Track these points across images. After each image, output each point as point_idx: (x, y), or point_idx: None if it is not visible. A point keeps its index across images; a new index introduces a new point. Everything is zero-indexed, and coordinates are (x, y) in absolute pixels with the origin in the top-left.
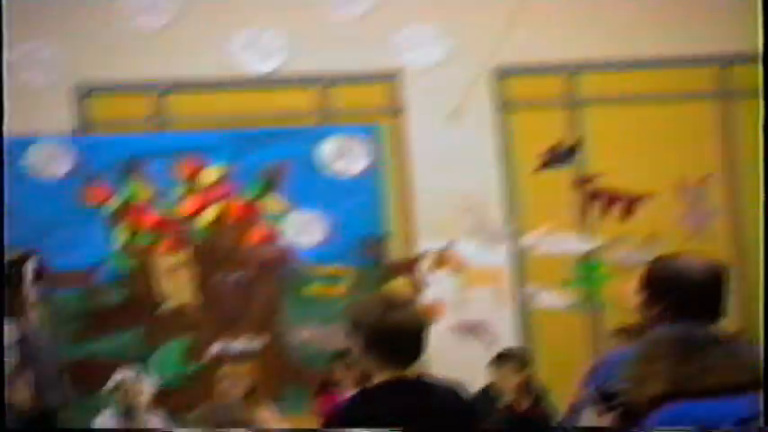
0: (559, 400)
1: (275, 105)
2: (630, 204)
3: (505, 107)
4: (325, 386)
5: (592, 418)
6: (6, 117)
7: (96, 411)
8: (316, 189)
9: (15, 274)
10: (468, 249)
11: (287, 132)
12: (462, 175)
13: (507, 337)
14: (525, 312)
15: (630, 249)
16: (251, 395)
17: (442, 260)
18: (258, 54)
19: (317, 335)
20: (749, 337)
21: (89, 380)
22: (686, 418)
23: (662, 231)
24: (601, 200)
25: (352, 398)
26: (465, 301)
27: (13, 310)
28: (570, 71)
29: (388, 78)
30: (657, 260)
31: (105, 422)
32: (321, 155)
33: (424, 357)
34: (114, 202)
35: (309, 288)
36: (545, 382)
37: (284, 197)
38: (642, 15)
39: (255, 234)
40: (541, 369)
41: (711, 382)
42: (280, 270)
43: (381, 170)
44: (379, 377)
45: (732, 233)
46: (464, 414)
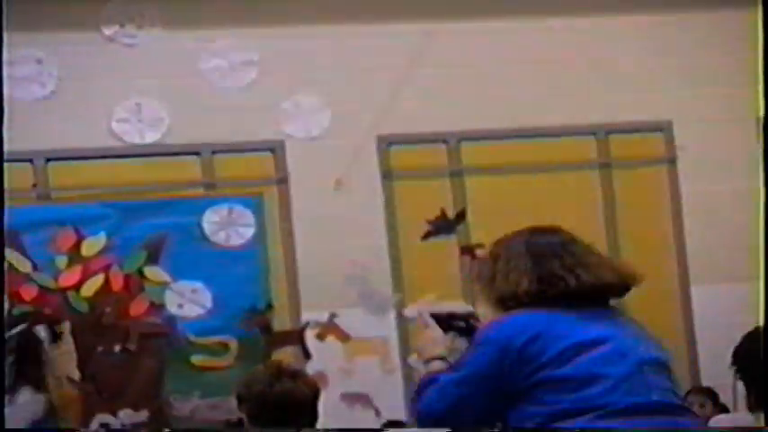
0: None
1: (158, 176)
2: None
3: (390, 176)
4: None
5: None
6: None
7: None
8: (198, 260)
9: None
10: (354, 319)
11: (169, 203)
12: (347, 244)
13: (394, 408)
14: (412, 383)
15: None
16: None
17: (326, 330)
18: (141, 124)
19: (201, 407)
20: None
21: None
22: None
23: None
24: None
25: None
26: (350, 372)
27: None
28: (453, 141)
29: (272, 149)
30: None
31: None
32: (204, 226)
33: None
34: None
35: (193, 360)
36: None
37: (166, 269)
38: (522, 86)
39: (137, 306)
40: None
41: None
42: (162, 343)
43: (265, 241)
44: None
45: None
46: None
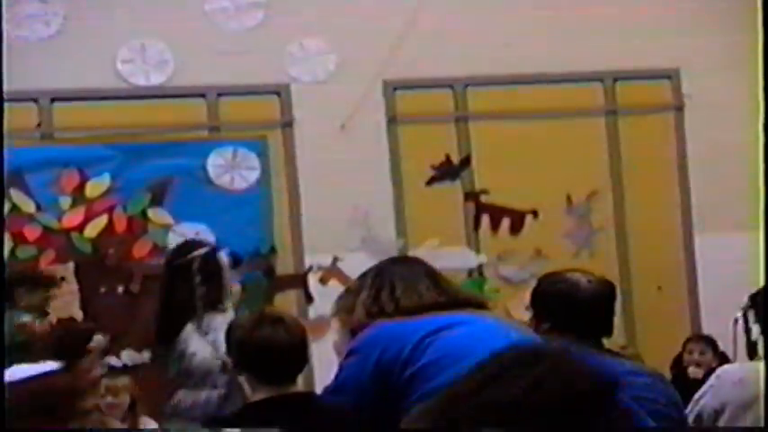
0: None
1: (162, 119)
2: (518, 220)
3: (395, 121)
4: None
5: None
6: None
7: None
8: (202, 203)
9: (210, 264)
10: (357, 263)
11: (173, 146)
12: (351, 189)
13: None
14: None
15: (517, 265)
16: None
17: (329, 275)
18: (146, 65)
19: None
20: (634, 353)
21: None
22: None
23: (548, 248)
24: (488, 215)
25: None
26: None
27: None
28: (459, 86)
29: (278, 92)
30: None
31: None
32: (208, 169)
33: (303, 374)
34: None
35: None
36: None
37: (170, 211)
38: (529, 32)
39: (140, 248)
40: None
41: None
42: None
43: (269, 184)
44: (257, 395)
45: (617, 250)
46: None
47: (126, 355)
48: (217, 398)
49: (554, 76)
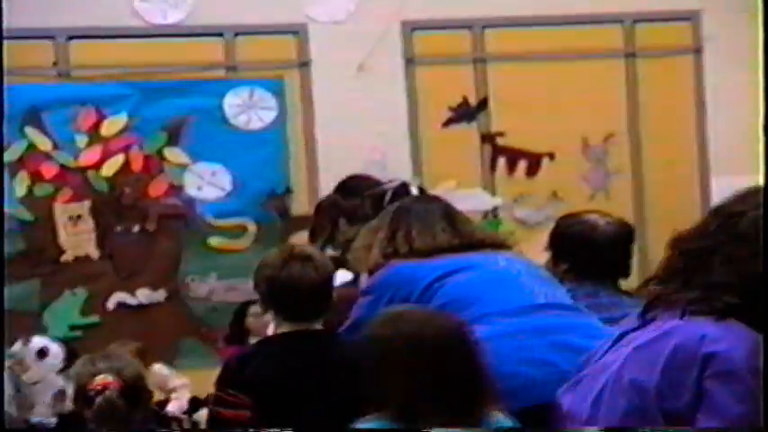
0: None
1: (179, 58)
2: (534, 163)
3: (413, 62)
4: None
5: None
6: None
7: None
8: (219, 143)
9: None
10: None
11: (190, 85)
12: (368, 130)
13: None
14: None
15: (533, 208)
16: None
17: None
18: (163, 4)
19: (217, 289)
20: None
21: None
22: None
23: (565, 190)
24: (505, 158)
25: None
26: None
27: None
28: (477, 28)
29: (295, 31)
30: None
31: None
32: (225, 108)
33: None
34: (13, 153)
35: (210, 242)
36: None
37: (186, 150)
38: None
39: (156, 187)
40: None
41: None
42: (181, 224)
43: (286, 125)
44: (280, 329)
45: (633, 193)
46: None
47: (141, 294)
48: None
49: (572, 18)
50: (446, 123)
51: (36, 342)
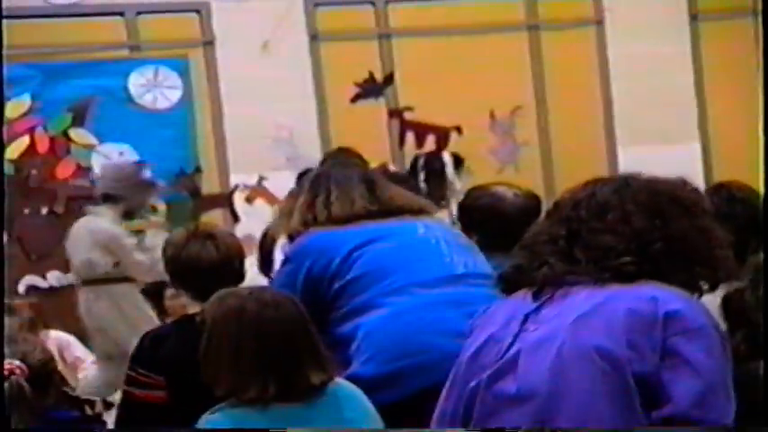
0: None
1: (82, 38)
2: (442, 137)
3: (317, 38)
4: None
5: None
6: None
7: None
8: (125, 123)
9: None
10: (282, 182)
11: (94, 65)
12: (275, 107)
13: None
14: None
15: None
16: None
17: (255, 193)
18: None
19: None
20: None
21: None
22: None
23: (474, 164)
24: (413, 132)
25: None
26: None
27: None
28: (380, 3)
29: (198, 10)
30: (472, 191)
31: None
32: (130, 88)
33: None
34: None
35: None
36: None
37: (92, 131)
38: None
39: (64, 169)
40: None
41: None
42: (89, 205)
43: (192, 103)
44: (191, 308)
45: (541, 165)
46: None
47: (52, 277)
48: None
49: None
50: (353, 99)
51: None
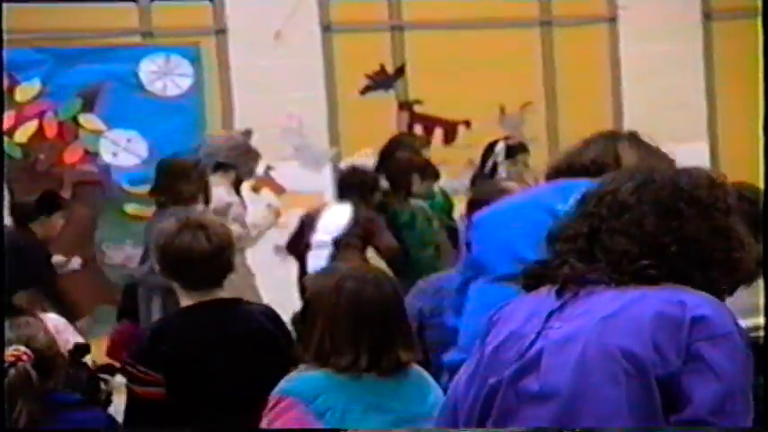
0: None
1: (94, 24)
2: (451, 130)
3: (329, 29)
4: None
5: None
6: None
7: None
8: (134, 109)
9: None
10: (289, 172)
11: (105, 51)
12: (285, 97)
13: None
14: None
15: (450, 175)
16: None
17: (261, 183)
18: None
19: (133, 256)
20: None
21: None
22: None
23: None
24: (422, 125)
25: (158, 324)
26: (284, 224)
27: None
28: None
29: None
30: (480, 187)
31: None
32: (141, 75)
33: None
34: None
35: (126, 209)
36: None
37: (102, 117)
38: None
39: (71, 154)
40: None
41: None
42: (96, 191)
43: (202, 91)
44: (184, 301)
45: (549, 161)
46: (276, 339)
47: (56, 261)
48: None
49: None
50: (363, 91)
51: None
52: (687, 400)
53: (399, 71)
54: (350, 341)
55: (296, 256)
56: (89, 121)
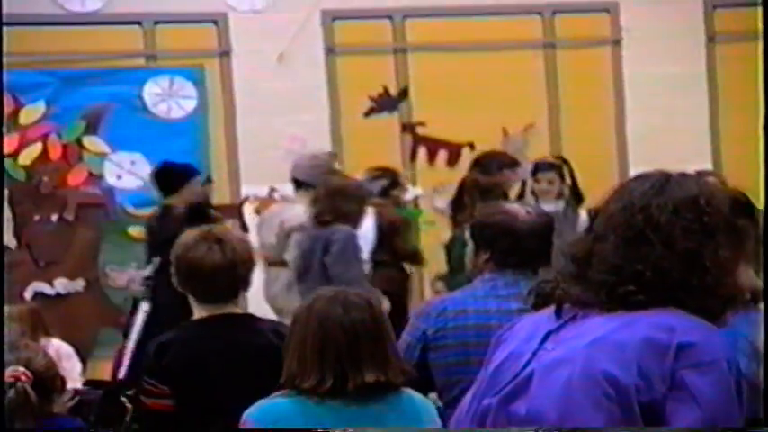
0: None
1: (98, 46)
2: (455, 153)
3: (333, 51)
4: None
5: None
6: None
7: None
8: (138, 132)
9: None
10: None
11: (109, 74)
12: (289, 119)
13: None
14: None
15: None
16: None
17: (265, 205)
18: None
19: (136, 278)
20: None
21: None
22: None
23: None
24: (425, 147)
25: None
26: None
27: None
28: (397, 17)
29: (215, 21)
30: (485, 208)
31: None
32: (144, 97)
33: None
34: None
35: (130, 232)
36: None
37: (105, 139)
38: None
39: (75, 176)
40: None
41: None
42: (100, 213)
43: (206, 114)
44: (198, 313)
45: None
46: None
47: (59, 283)
48: None
49: (493, 8)
50: (367, 113)
51: None
52: (667, 427)
53: (403, 93)
54: (315, 363)
55: None
56: (93, 143)
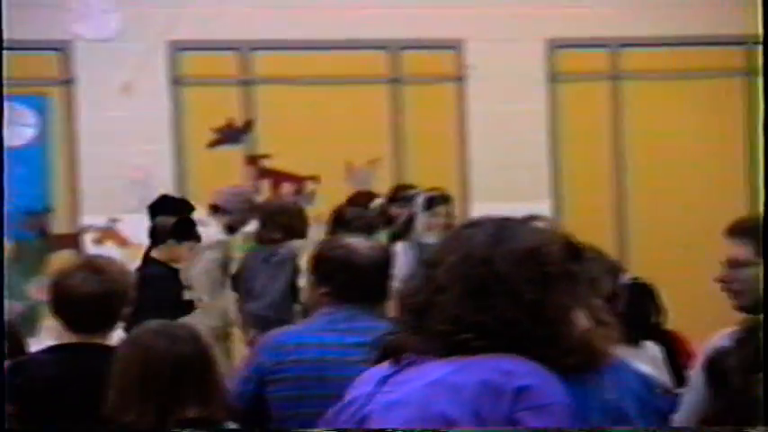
0: None
1: None
2: (298, 185)
3: (179, 82)
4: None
5: None
6: None
7: None
8: None
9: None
10: (136, 225)
11: None
12: (132, 149)
13: None
14: None
15: None
16: None
17: (105, 235)
18: None
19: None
20: None
21: None
22: None
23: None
24: (269, 180)
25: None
26: None
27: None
28: (245, 49)
29: (60, 48)
30: (325, 242)
31: None
32: None
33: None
34: None
35: None
36: None
37: None
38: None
39: None
40: None
41: None
42: None
43: (47, 142)
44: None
45: None
46: None
47: None
48: None
49: (340, 43)
50: (212, 144)
51: None
52: None
53: (247, 125)
54: (137, 397)
55: None
56: None
